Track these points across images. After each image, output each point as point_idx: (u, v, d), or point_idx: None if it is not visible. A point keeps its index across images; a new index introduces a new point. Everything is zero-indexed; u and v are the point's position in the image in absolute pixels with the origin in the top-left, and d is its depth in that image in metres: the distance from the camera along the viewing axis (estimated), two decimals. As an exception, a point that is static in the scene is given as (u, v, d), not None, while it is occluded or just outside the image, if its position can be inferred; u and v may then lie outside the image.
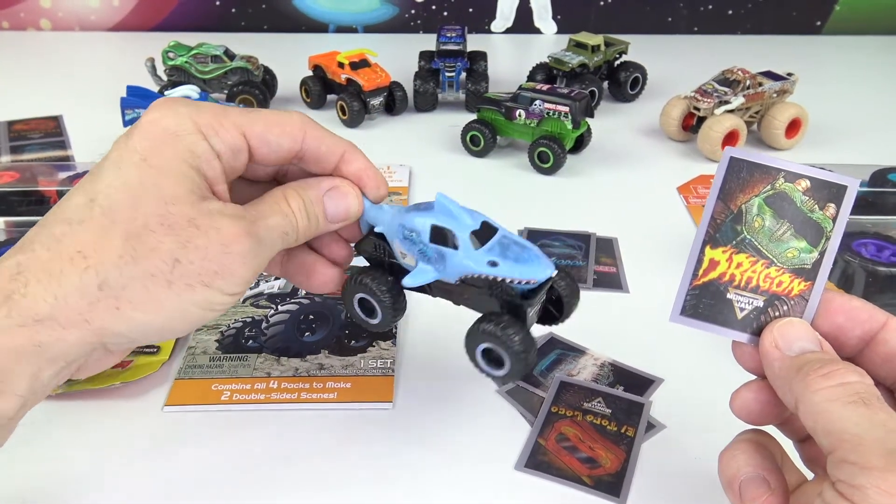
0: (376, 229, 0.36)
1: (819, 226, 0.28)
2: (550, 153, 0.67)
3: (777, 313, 0.29)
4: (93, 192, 0.30)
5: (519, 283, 0.32)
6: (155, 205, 0.30)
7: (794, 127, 0.73)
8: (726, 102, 0.70)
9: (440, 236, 0.33)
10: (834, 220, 0.28)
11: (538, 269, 0.32)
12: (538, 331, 0.47)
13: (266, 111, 0.34)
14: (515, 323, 0.32)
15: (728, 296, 0.29)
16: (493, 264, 0.32)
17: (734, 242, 0.29)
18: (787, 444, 0.30)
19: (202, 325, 0.35)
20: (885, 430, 0.23)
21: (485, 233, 0.33)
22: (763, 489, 0.28)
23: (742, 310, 0.29)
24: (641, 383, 0.43)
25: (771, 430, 0.30)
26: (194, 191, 0.31)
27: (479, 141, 0.71)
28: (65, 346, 0.29)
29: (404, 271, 0.35)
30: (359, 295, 0.36)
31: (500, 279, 0.32)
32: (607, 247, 0.57)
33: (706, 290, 0.29)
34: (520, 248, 0.33)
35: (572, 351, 0.45)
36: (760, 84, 0.72)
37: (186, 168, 0.31)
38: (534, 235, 0.58)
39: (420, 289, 0.36)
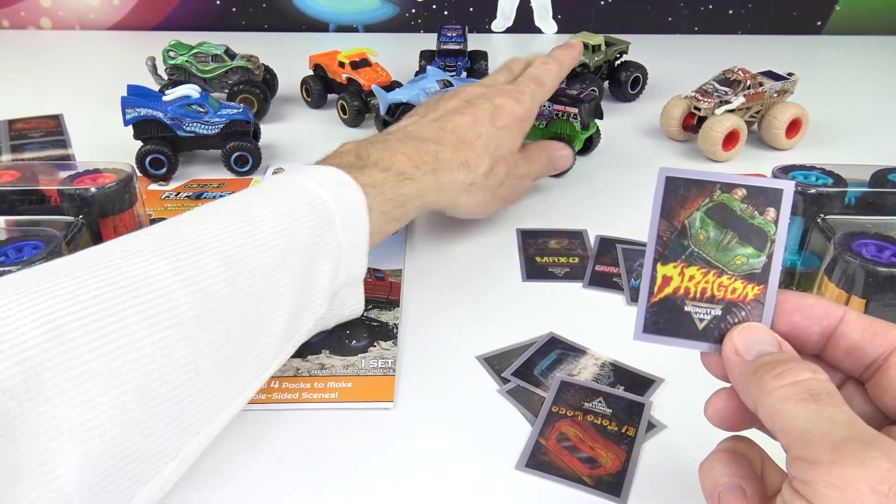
0: (403, 100, 0.70)
1: (762, 230, 0.29)
2: None
3: (736, 320, 0.29)
4: (477, 131, 0.52)
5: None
6: (507, 150, 0.54)
7: (794, 127, 0.73)
8: (727, 102, 0.70)
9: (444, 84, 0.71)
10: (775, 223, 0.29)
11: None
12: (538, 330, 0.47)
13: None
14: None
15: (686, 308, 0.30)
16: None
17: (683, 257, 0.30)
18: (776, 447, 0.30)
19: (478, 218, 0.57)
20: (832, 423, 0.23)
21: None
22: (740, 498, 0.28)
23: (702, 320, 0.29)
24: (642, 383, 0.43)
25: (758, 434, 0.30)
26: (517, 148, 0.56)
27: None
28: (429, 203, 0.50)
29: None
30: None
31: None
32: (609, 247, 0.57)
33: (664, 306, 0.30)
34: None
35: (573, 351, 0.45)
36: (761, 84, 0.72)
37: (520, 138, 0.56)
38: (534, 235, 0.58)
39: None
